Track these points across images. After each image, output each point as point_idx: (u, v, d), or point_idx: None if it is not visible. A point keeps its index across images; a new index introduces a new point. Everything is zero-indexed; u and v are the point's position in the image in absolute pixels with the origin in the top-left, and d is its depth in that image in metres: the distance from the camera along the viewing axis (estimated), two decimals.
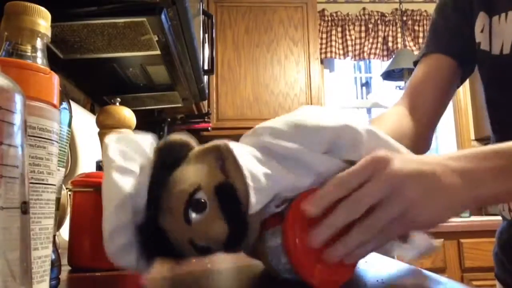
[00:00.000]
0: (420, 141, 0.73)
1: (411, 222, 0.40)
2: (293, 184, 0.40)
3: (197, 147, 0.42)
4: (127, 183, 0.38)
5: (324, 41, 2.79)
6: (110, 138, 0.41)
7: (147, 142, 0.42)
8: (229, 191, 0.37)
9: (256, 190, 0.37)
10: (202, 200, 0.37)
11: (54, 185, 0.34)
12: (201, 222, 0.37)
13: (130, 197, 0.38)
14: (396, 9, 2.84)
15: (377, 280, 0.43)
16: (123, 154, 0.40)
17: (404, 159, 0.40)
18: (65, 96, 0.45)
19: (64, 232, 0.63)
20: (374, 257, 0.59)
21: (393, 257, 0.53)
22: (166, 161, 0.39)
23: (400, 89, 2.66)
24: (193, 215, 0.37)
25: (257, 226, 0.40)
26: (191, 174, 0.38)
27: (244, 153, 0.39)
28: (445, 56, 0.75)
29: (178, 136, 0.41)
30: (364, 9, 2.86)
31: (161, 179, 0.38)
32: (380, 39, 2.83)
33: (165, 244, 0.38)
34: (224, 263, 0.62)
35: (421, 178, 0.39)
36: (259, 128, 0.42)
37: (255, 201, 0.37)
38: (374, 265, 0.53)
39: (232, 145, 0.39)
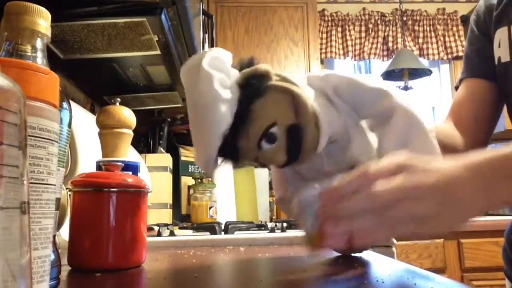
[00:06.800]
0: None
1: (419, 228, 0.41)
2: (338, 128, 0.51)
3: (274, 80, 0.48)
4: (227, 115, 0.45)
5: (324, 41, 2.79)
6: (206, 65, 0.45)
7: (229, 60, 0.48)
8: (298, 132, 0.47)
9: (323, 133, 0.48)
10: (275, 134, 0.47)
11: (54, 185, 0.34)
12: (269, 150, 0.48)
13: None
14: (396, 9, 2.83)
15: (377, 280, 0.43)
16: (222, 82, 0.46)
17: (423, 169, 0.42)
18: (65, 96, 0.45)
19: (64, 232, 0.63)
20: (374, 257, 0.59)
21: None
22: (249, 93, 0.46)
23: (400, 89, 2.65)
24: (265, 144, 0.47)
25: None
26: (270, 110, 0.47)
27: (315, 104, 0.48)
28: (477, 78, 0.82)
29: (262, 68, 0.48)
30: (364, 9, 2.86)
31: (244, 111, 0.46)
32: (380, 39, 2.83)
33: (236, 156, 0.49)
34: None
35: (436, 192, 0.41)
36: (330, 75, 0.51)
37: (322, 143, 0.48)
38: (374, 265, 0.53)
39: (303, 94, 0.47)
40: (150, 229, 1.01)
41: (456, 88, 0.87)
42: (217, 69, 0.46)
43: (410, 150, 0.48)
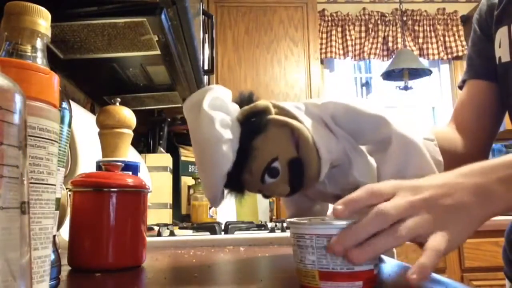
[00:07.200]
0: (469, 160, 0.76)
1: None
2: (338, 154, 0.52)
3: (274, 114, 0.50)
4: (229, 155, 0.47)
5: (324, 41, 2.79)
6: (207, 106, 0.47)
7: (229, 97, 0.50)
8: (299, 165, 0.49)
9: (324, 163, 0.49)
10: (277, 169, 0.48)
11: (54, 185, 0.34)
12: (272, 183, 0.49)
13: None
14: (396, 9, 2.84)
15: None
16: (222, 122, 0.47)
17: (418, 185, 0.41)
18: (65, 96, 0.45)
19: (64, 232, 0.63)
20: None
21: None
22: (250, 129, 0.48)
23: (400, 89, 2.65)
24: (268, 178, 0.49)
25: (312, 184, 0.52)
26: (270, 145, 0.48)
27: (314, 133, 0.49)
28: (479, 80, 0.81)
29: (261, 104, 0.50)
30: (364, 9, 2.86)
31: (246, 147, 0.48)
32: (380, 39, 2.83)
33: (241, 189, 0.52)
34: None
35: (438, 201, 0.40)
36: (327, 103, 0.52)
37: (324, 172, 0.50)
38: None
39: (302, 127, 0.49)
40: (150, 229, 1.01)
41: (460, 88, 0.87)
42: (217, 108, 0.47)
43: (408, 178, 0.48)
